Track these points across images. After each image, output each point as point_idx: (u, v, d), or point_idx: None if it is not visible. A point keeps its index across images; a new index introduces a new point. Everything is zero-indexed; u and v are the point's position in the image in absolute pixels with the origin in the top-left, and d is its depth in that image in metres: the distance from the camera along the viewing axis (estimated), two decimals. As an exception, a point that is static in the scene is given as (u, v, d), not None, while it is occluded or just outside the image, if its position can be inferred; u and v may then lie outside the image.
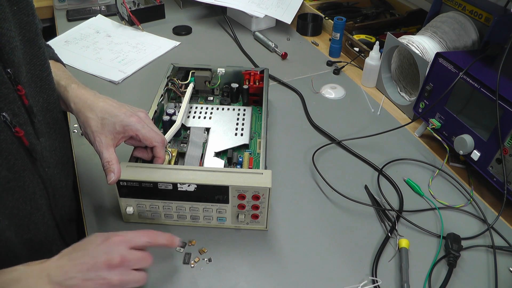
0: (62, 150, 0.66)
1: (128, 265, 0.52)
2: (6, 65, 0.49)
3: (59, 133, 0.64)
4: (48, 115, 0.60)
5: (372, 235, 0.68)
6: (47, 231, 0.61)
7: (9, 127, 0.50)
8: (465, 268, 0.63)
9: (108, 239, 0.53)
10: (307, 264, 0.63)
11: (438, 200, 0.74)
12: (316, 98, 1.00)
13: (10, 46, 0.49)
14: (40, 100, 0.58)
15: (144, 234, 0.56)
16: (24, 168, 0.54)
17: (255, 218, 0.65)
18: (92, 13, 1.32)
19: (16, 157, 0.52)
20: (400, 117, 0.95)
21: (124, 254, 0.52)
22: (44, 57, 0.58)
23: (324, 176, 0.76)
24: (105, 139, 0.60)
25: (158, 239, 0.57)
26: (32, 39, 0.55)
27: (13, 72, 0.50)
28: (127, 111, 0.62)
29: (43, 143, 0.58)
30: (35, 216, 0.58)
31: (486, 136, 0.71)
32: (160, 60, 1.12)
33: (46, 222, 0.61)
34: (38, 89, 0.57)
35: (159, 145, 0.63)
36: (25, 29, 0.53)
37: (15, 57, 0.50)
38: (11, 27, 0.50)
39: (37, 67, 0.56)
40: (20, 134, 0.52)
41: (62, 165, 0.65)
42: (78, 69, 1.07)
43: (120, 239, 0.53)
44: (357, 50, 1.12)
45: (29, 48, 0.55)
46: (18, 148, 0.52)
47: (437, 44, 0.90)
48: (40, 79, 0.58)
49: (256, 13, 1.23)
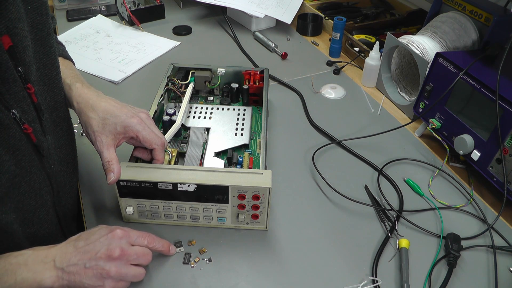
0: (68, 148, 0.66)
1: (127, 259, 0.55)
2: (18, 64, 0.50)
3: (65, 132, 0.65)
4: (54, 113, 0.61)
5: (372, 235, 0.68)
6: (50, 227, 0.62)
7: (18, 124, 0.51)
8: (465, 268, 0.63)
9: (112, 232, 0.56)
10: (307, 264, 0.63)
11: (438, 200, 0.74)
12: (316, 98, 1.00)
13: (22, 45, 0.50)
14: (47, 98, 0.59)
15: (145, 237, 0.58)
16: (31, 164, 0.54)
17: (255, 218, 0.65)
18: (92, 13, 1.32)
19: (24, 153, 0.53)
20: (400, 117, 0.95)
21: (124, 248, 0.55)
22: (54, 57, 0.58)
23: (324, 176, 0.76)
24: (106, 139, 0.61)
25: (156, 244, 0.60)
26: (44, 39, 0.56)
27: (24, 70, 0.51)
28: (128, 111, 0.62)
29: (50, 140, 0.59)
30: (39, 211, 0.59)
31: (486, 136, 0.71)
32: (160, 60, 1.13)
33: (49, 218, 0.62)
34: (46, 87, 0.58)
35: (159, 148, 0.64)
36: (37, 28, 0.54)
37: (26, 56, 0.51)
38: (24, 27, 0.50)
39: (46, 66, 0.57)
40: (28, 131, 0.53)
41: (67, 163, 0.66)
42: (78, 69, 1.06)
43: (123, 234, 0.56)
44: (357, 50, 1.12)
45: (40, 47, 0.55)
46: (26, 144, 0.53)
47: (437, 44, 0.90)
48: (48, 78, 0.58)
49: (256, 13, 1.23)
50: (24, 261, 0.51)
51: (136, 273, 0.56)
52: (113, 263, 0.53)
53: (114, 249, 0.54)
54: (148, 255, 0.58)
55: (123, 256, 0.54)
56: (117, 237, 0.55)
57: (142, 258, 0.57)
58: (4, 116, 0.48)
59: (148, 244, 0.58)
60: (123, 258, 0.54)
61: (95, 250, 0.53)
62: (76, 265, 0.52)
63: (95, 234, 0.56)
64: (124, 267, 0.54)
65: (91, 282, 0.52)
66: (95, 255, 0.53)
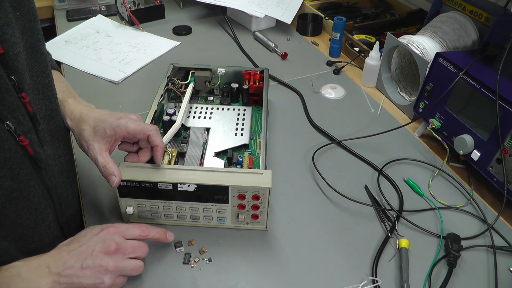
0: (66, 158, 0.65)
1: (124, 253, 0.55)
2: (10, 72, 0.48)
3: (62, 141, 0.63)
4: (51, 122, 0.60)
5: (372, 235, 0.68)
6: (53, 242, 0.60)
7: (13, 136, 0.49)
8: (465, 268, 0.63)
9: (103, 230, 0.56)
10: (307, 264, 0.63)
11: (438, 200, 0.74)
12: (316, 98, 1.00)
13: (14, 52, 0.48)
14: (43, 108, 0.57)
15: (137, 227, 0.58)
16: (29, 177, 0.53)
17: (255, 218, 0.65)
18: (92, 13, 1.32)
19: (20, 166, 0.51)
20: (400, 117, 0.95)
21: (119, 242, 0.55)
22: (46, 63, 0.57)
23: (324, 176, 0.76)
24: (98, 145, 0.60)
25: (150, 233, 0.59)
26: (34, 45, 0.54)
27: (17, 79, 0.49)
28: (117, 115, 0.61)
29: (47, 151, 0.58)
30: (40, 227, 0.57)
31: (486, 136, 0.71)
32: (160, 60, 1.12)
33: (51, 232, 0.60)
34: (41, 96, 0.56)
35: (153, 133, 0.61)
36: (27, 34, 0.52)
37: (19, 64, 0.49)
38: (14, 33, 0.49)
39: (39, 73, 0.55)
40: (24, 143, 0.51)
41: (67, 173, 0.65)
42: (78, 69, 1.07)
43: (115, 230, 0.56)
44: (357, 50, 1.12)
45: (32, 54, 0.54)
46: (22, 157, 0.51)
47: (437, 44, 0.90)
48: (42, 86, 0.56)
49: (256, 13, 1.23)
50: (17, 272, 0.50)
51: (135, 266, 0.56)
52: (110, 258, 0.53)
53: (109, 245, 0.54)
54: (144, 247, 0.57)
55: (119, 250, 0.54)
56: (110, 233, 0.55)
57: (138, 251, 0.56)
58: None
59: (142, 233, 0.58)
60: (119, 252, 0.54)
61: (90, 249, 0.53)
62: (73, 268, 0.51)
63: (86, 236, 0.55)
64: (121, 261, 0.54)
65: (90, 281, 0.52)
66: (91, 254, 0.52)
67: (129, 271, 0.56)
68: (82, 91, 0.71)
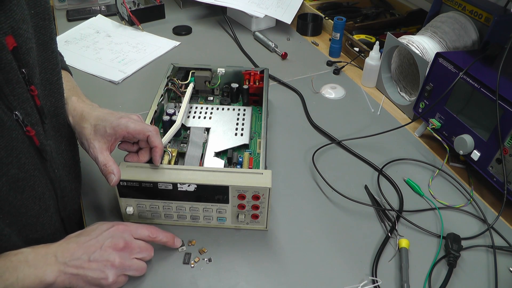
0: (69, 153, 0.66)
1: (131, 252, 0.56)
2: (21, 65, 0.49)
3: (65, 137, 0.64)
4: (54, 119, 0.60)
5: (372, 235, 0.68)
6: (54, 233, 0.62)
7: (20, 126, 0.51)
8: (465, 268, 0.63)
9: (114, 226, 0.57)
10: (307, 264, 0.63)
11: (438, 200, 0.74)
12: (316, 98, 1.00)
13: (27, 47, 0.50)
14: (48, 104, 0.58)
15: (146, 228, 0.59)
16: (34, 167, 0.54)
17: (255, 218, 0.65)
18: (92, 13, 1.32)
19: (27, 156, 0.52)
20: (400, 117, 0.95)
21: (128, 240, 0.56)
22: (56, 62, 0.58)
23: (324, 176, 0.76)
24: (98, 144, 0.61)
25: (159, 235, 0.60)
26: (46, 43, 0.55)
27: (28, 72, 0.50)
28: (118, 114, 0.62)
29: (51, 145, 0.59)
30: (43, 217, 0.58)
31: (486, 136, 0.71)
32: (160, 60, 1.12)
33: (53, 223, 0.61)
34: (47, 92, 0.58)
35: (153, 133, 0.62)
36: (40, 32, 0.54)
37: (30, 58, 0.51)
38: (28, 29, 0.50)
39: (48, 70, 0.57)
40: (31, 134, 0.52)
41: (69, 168, 0.66)
42: (78, 69, 1.07)
43: (125, 227, 0.58)
44: (357, 50, 1.12)
45: (43, 51, 0.55)
46: (28, 147, 0.53)
47: (437, 44, 0.90)
48: (50, 83, 0.58)
49: (256, 13, 1.23)
50: (24, 258, 0.52)
51: (138, 267, 0.57)
52: (118, 254, 0.55)
53: (118, 241, 0.55)
54: (150, 250, 0.59)
55: (127, 248, 0.56)
56: (120, 230, 0.57)
57: (145, 252, 0.58)
58: (7, 117, 0.48)
59: (151, 235, 0.59)
60: (127, 250, 0.56)
61: (99, 243, 0.54)
62: (80, 259, 0.53)
63: (96, 230, 0.57)
64: (128, 259, 0.56)
65: (95, 275, 0.53)
66: (100, 247, 0.54)
67: (133, 271, 0.57)
68: (82, 91, 0.71)
